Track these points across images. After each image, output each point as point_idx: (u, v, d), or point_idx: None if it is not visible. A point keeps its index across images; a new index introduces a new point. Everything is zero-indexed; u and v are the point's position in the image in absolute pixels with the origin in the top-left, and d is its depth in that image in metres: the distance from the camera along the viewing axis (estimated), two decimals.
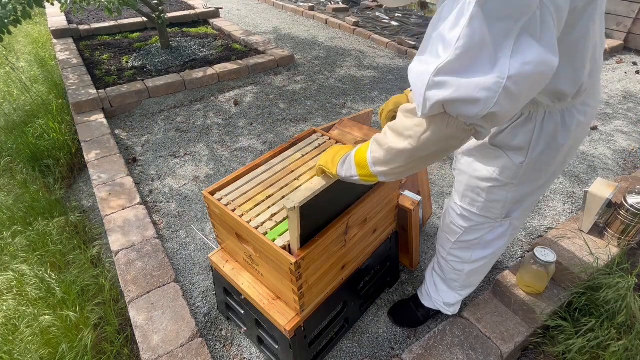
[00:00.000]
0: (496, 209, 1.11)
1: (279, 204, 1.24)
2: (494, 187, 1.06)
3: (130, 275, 1.74)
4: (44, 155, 2.64)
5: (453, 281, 1.40)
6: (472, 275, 1.36)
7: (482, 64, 0.64)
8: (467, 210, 1.16)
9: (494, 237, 1.20)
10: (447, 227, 1.28)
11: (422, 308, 1.57)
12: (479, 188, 1.09)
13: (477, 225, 1.18)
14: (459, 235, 1.24)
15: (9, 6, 2.42)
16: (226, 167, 2.52)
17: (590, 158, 2.60)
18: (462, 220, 1.20)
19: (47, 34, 4.85)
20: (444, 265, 1.39)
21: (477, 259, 1.28)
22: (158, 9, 3.69)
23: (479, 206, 1.12)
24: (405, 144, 0.79)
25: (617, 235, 1.64)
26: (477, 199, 1.11)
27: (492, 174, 1.04)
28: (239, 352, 1.51)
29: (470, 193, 1.12)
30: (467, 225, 1.20)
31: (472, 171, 1.09)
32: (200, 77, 3.44)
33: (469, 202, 1.14)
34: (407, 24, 5.11)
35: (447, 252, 1.32)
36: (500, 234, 1.20)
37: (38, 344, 1.53)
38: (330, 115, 3.10)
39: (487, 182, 1.06)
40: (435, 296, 1.50)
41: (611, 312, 1.42)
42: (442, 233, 1.33)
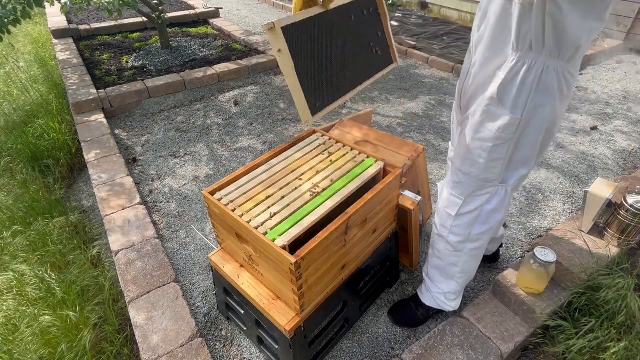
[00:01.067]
0: (496, 168, 1.15)
1: (279, 203, 1.24)
2: (496, 145, 1.11)
3: (130, 275, 1.74)
4: (44, 155, 2.64)
5: (453, 266, 1.40)
6: (471, 255, 1.37)
7: None
8: (467, 174, 1.20)
9: (492, 208, 1.24)
10: (445, 202, 1.30)
11: (422, 307, 1.57)
12: (481, 149, 1.13)
13: (476, 192, 1.22)
14: (459, 207, 1.25)
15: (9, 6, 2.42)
16: (226, 167, 2.52)
17: (590, 158, 2.60)
18: (460, 189, 1.24)
19: (47, 34, 4.85)
20: (443, 250, 1.38)
21: (477, 235, 1.30)
22: (158, 9, 3.69)
23: (480, 167, 1.16)
24: None
25: (617, 235, 1.64)
26: (478, 160, 1.16)
27: (495, 132, 1.09)
28: (239, 352, 1.51)
29: (472, 155, 1.16)
30: (467, 193, 1.23)
31: (475, 133, 1.13)
32: (200, 77, 3.44)
33: (470, 163, 1.18)
34: (407, 24, 5.11)
35: (449, 231, 1.32)
36: (497, 204, 1.24)
37: (38, 344, 1.53)
38: (330, 115, 3.10)
39: (489, 142, 1.11)
40: (434, 289, 1.49)
41: (611, 312, 1.41)
42: (440, 211, 1.34)
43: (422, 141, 2.77)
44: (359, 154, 1.46)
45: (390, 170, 1.42)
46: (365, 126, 1.89)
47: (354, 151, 1.48)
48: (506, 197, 1.24)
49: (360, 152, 1.47)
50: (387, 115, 3.12)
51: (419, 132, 2.88)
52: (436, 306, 1.53)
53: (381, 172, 1.42)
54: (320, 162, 1.42)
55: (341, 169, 1.39)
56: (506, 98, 1.04)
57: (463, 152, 1.19)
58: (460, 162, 1.20)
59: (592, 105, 3.27)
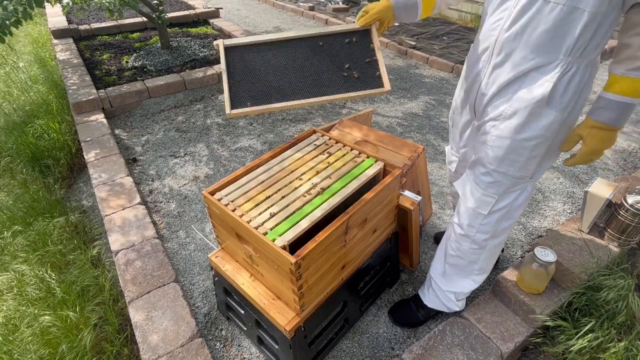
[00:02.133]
0: (532, 165, 1.19)
1: (279, 204, 1.24)
2: (538, 144, 1.13)
3: (130, 275, 1.74)
4: (44, 155, 2.64)
5: (473, 263, 1.42)
6: (491, 252, 1.40)
7: None
8: (504, 173, 1.21)
9: (519, 203, 1.28)
10: (477, 202, 1.30)
11: (424, 308, 1.57)
12: (522, 148, 1.15)
13: (510, 189, 1.25)
14: (492, 205, 1.27)
15: (10, 7, 2.42)
16: (226, 167, 2.52)
17: None
18: (495, 188, 1.25)
19: (47, 34, 4.85)
20: (467, 249, 1.39)
21: (502, 230, 1.34)
22: (158, 9, 3.69)
23: (519, 165, 1.18)
24: None
25: (617, 235, 1.64)
26: (517, 159, 1.17)
27: (539, 131, 1.11)
28: (239, 352, 1.51)
29: (512, 155, 1.17)
30: (501, 191, 1.25)
31: (516, 134, 1.14)
32: (201, 77, 3.44)
33: (508, 163, 1.19)
34: (407, 24, 5.11)
35: (477, 230, 1.34)
36: (524, 199, 1.29)
37: (38, 344, 1.53)
38: (330, 115, 3.10)
39: (532, 141, 1.13)
40: (445, 288, 1.49)
41: (611, 312, 1.41)
42: (468, 213, 1.34)
43: (422, 141, 2.77)
44: (359, 154, 1.46)
45: (390, 170, 1.42)
46: (365, 126, 1.89)
47: (353, 151, 1.48)
48: (532, 192, 1.30)
49: (360, 152, 1.47)
50: (387, 115, 3.12)
51: (419, 132, 2.88)
52: (439, 307, 1.53)
53: (381, 172, 1.42)
54: (320, 162, 1.42)
55: (341, 169, 1.39)
56: (555, 99, 1.07)
57: (500, 153, 1.19)
58: (497, 163, 1.20)
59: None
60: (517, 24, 1.05)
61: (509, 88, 1.12)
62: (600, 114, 1.04)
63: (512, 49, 1.08)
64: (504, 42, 1.09)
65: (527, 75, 1.08)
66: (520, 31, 1.05)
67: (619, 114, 1.02)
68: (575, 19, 0.97)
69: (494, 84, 1.15)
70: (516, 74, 1.09)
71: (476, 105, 1.25)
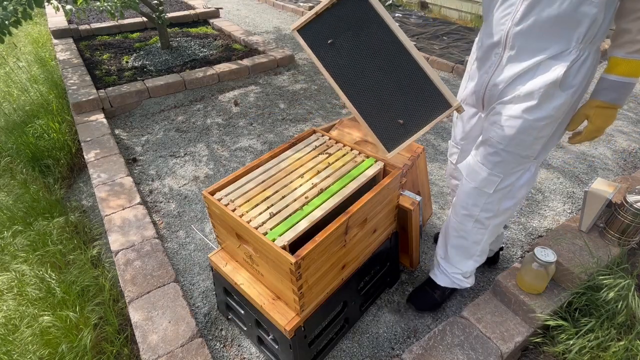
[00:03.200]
0: (538, 145, 1.24)
1: (279, 204, 1.24)
2: (547, 124, 1.19)
3: (129, 275, 1.74)
4: (44, 155, 2.64)
5: (476, 244, 1.47)
6: (492, 232, 1.46)
7: None
8: (512, 152, 1.25)
9: (522, 182, 1.33)
10: (483, 182, 1.33)
11: (438, 289, 1.63)
12: (532, 127, 1.19)
13: (515, 168, 1.29)
14: (496, 184, 1.32)
15: (10, 7, 2.42)
16: (226, 167, 2.52)
17: (590, 158, 2.60)
18: (501, 167, 1.29)
19: (47, 34, 4.85)
20: (470, 229, 1.44)
21: (504, 209, 1.39)
22: (158, 9, 3.69)
23: (526, 145, 1.23)
24: None
25: (617, 235, 1.64)
26: (526, 139, 1.22)
27: (550, 111, 1.16)
28: (239, 352, 1.51)
29: (522, 135, 1.21)
30: (507, 170, 1.29)
31: (530, 115, 1.18)
32: (201, 77, 3.44)
33: (517, 143, 1.23)
34: (407, 24, 5.11)
35: (481, 208, 1.38)
36: (527, 179, 1.34)
37: (38, 344, 1.53)
38: (330, 115, 3.10)
39: (542, 121, 1.18)
40: (451, 270, 1.56)
41: (611, 312, 1.41)
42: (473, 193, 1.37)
43: (422, 141, 2.77)
44: (359, 154, 1.46)
45: (390, 170, 1.42)
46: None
47: (353, 151, 1.48)
48: (535, 172, 1.35)
49: (360, 152, 1.47)
50: None
51: None
52: (452, 285, 1.60)
53: (381, 172, 1.42)
54: (320, 162, 1.42)
55: (341, 169, 1.39)
56: (567, 82, 1.13)
57: (511, 132, 1.22)
58: (506, 142, 1.24)
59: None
60: (529, 18, 1.08)
61: (524, 76, 1.16)
62: (605, 95, 1.11)
63: (526, 42, 1.12)
64: (515, 35, 1.13)
65: (541, 63, 1.13)
66: (532, 24, 1.09)
67: (622, 93, 1.10)
68: (585, 9, 1.01)
69: (507, 75, 1.19)
70: (531, 64, 1.13)
71: (485, 98, 1.29)
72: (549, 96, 1.14)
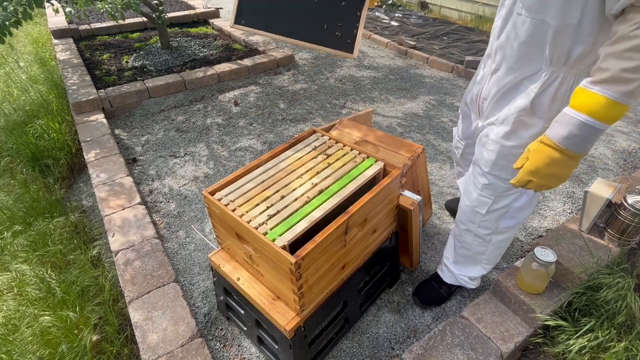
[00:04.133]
0: None
1: (279, 204, 1.24)
2: None
3: (129, 275, 1.74)
4: (44, 155, 2.64)
5: (480, 254, 1.49)
6: (497, 247, 1.45)
7: None
8: (497, 176, 1.24)
9: (520, 205, 1.30)
10: (475, 202, 1.34)
11: (444, 285, 1.65)
12: (512, 154, 1.17)
13: (505, 192, 1.27)
14: (489, 205, 1.31)
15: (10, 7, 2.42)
16: (226, 167, 2.52)
17: (590, 158, 2.60)
18: (490, 190, 1.28)
19: (47, 34, 4.85)
20: (471, 242, 1.45)
21: (505, 228, 1.37)
22: (158, 9, 3.69)
23: (510, 170, 1.20)
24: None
25: (617, 235, 1.64)
26: (508, 165, 1.20)
27: (527, 139, 1.11)
28: (239, 352, 1.51)
29: (502, 160, 1.20)
30: (497, 193, 1.28)
31: (506, 141, 1.16)
32: (201, 77, 3.44)
33: (499, 168, 1.22)
34: (407, 24, 5.11)
35: (478, 225, 1.38)
36: (525, 202, 1.30)
37: (38, 344, 1.53)
38: (330, 115, 3.10)
39: (521, 149, 1.13)
40: (458, 273, 1.59)
41: (611, 312, 1.41)
42: (468, 210, 1.39)
43: (422, 141, 2.77)
44: (359, 154, 1.46)
45: (390, 170, 1.42)
46: (365, 126, 1.89)
47: (353, 151, 1.48)
48: (534, 195, 1.30)
49: (360, 152, 1.47)
50: (387, 115, 3.12)
51: (419, 132, 2.88)
52: (457, 283, 1.63)
53: (381, 172, 1.42)
54: (320, 162, 1.42)
55: (341, 169, 1.39)
56: (539, 108, 1.06)
57: (492, 157, 1.22)
58: (490, 166, 1.24)
59: None
60: (503, 33, 1.08)
61: (507, 94, 1.14)
62: (551, 128, 0.91)
63: (503, 57, 1.11)
64: (496, 49, 1.13)
65: (520, 82, 1.09)
66: (505, 40, 1.08)
67: (571, 132, 0.86)
68: (544, 30, 0.97)
69: (492, 89, 1.19)
70: (510, 81, 1.11)
71: (480, 107, 1.30)
72: (524, 124, 1.11)
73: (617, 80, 0.80)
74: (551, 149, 0.90)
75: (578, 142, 0.86)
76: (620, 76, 0.79)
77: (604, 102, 0.81)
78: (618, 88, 0.80)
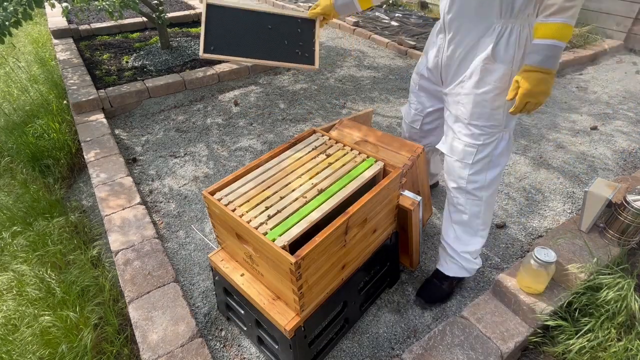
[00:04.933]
0: (499, 114, 1.39)
1: (279, 204, 1.24)
2: (496, 94, 1.35)
3: (129, 275, 1.74)
4: (44, 155, 2.64)
5: (475, 217, 1.57)
6: (488, 203, 1.56)
7: None
8: (476, 125, 1.42)
9: (499, 151, 1.46)
10: (461, 154, 1.48)
11: (446, 280, 1.69)
12: (484, 100, 1.37)
13: (486, 140, 1.43)
14: (474, 155, 1.46)
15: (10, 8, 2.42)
16: (226, 167, 2.52)
17: (590, 158, 2.60)
18: (473, 139, 1.44)
19: (47, 34, 4.85)
20: (464, 202, 1.55)
21: (491, 181, 1.51)
22: (158, 9, 3.69)
23: (486, 116, 1.39)
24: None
25: (617, 235, 1.64)
26: (483, 111, 1.39)
27: (494, 83, 1.33)
28: (239, 352, 1.51)
29: (477, 107, 1.39)
30: (479, 142, 1.44)
31: (477, 89, 1.36)
32: (201, 77, 3.44)
33: (477, 115, 1.40)
34: (407, 24, 5.11)
35: (467, 180, 1.50)
36: (503, 148, 1.46)
37: (38, 344, 1.53)
38: (330, 115, 3.10)
39: (491, 93, 1.35)
40: (461, 249, 1.62)
41: (611, 312, 1.41)
42: (456, 165, 1.52)
43: None
44: (359, 154, 1.46)
45: (390, 170, 1.42)
46: (365, 126, 1.89)
47: (353, 151, 1.48)
48: (509, 140, 1.47)
49: (360, 152, 1.47)
50: (387, 115, 3.12)
51: None
52: (461, 273, 1.66)
53: (381, 172, 1.42)
54: (320, 162, 1.42)
55: (341, 169, 1.39)
56: (499, 55, 1.30)
57: (469, 108, 1.41)
58: (469, 117, 1.42)
59: (592, 105, 3.27)
60: (454, 6, 1.32)
61: (468, 55, 1.37)
62: (530, 58, 1.20)
63: (458, 26, 1.34)
64: (449, 22, 1.36)
65: (478, 41, 1.32)
66: (458, 10, 1.32)
67: (545, 55, 1.17)
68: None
69: (454, 55, 1.40)
70: (468, 43, 1.34)
71: (442, 76, 1.50)
72: (488, 70, 1.32)
73: (562, 9, 1.10)
74: (536, 72, 1.18)
75: (551, 61, 1.17)
76: (563, 5, 1.10)
77: (561, 26, 1.12)
78: (565, 14, 1.11)
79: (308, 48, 1.62)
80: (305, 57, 1.61)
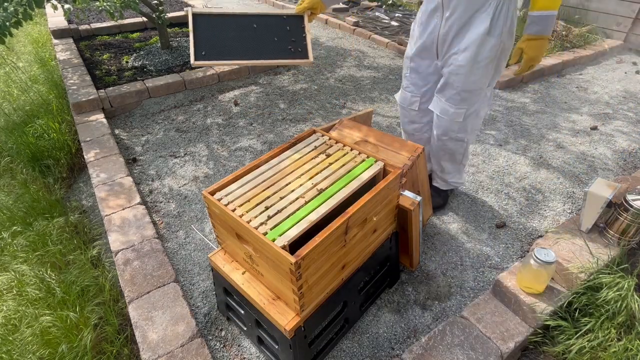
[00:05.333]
0: (486, 78, 1.68)
1: (279, 204, 1.24)
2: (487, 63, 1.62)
3: (129, 275, 1.74)
4: (44, 155, 2.64)
5: (460, 154, 1.93)
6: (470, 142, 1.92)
7: None
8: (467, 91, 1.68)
9: (482, 105, 1.78)
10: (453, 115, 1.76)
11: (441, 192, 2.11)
12: (478, 68, 1.63)
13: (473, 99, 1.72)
14: (464, 114, 1.75)
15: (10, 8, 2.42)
16: (226, 167, 2.52)
17: (590, 158, 2.60)
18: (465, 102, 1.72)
19: (47, 34, 4.85)
20: (452, 146, 1.89)
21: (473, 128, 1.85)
22: (158, 9, 3.69)
23: (477, 81, 1.66)
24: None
25: (617, 235, 1.64)
26: (475, 79, 1.66)
27: (487, 53, 1.59)
28: (239, 352, 1.51)
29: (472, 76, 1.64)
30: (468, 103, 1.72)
31: (472, 61, 1.61)
32: (201, 77, 3.44)
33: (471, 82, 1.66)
34: (407, 24, 5.11)
35: (457, 131, 1.81)
36: (485, 102, 1.79)
37: (38, 344, 1.53)
38: (330, 115, 3.10)
39: (484, 62, 1.61)
40: (450, 179, 2.06)
41: (611, 312, 1.42)
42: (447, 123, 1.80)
43: None
44: (359, 154, 1.46)
45: (390, 170, 1.42)
46: (365, 126, 1.89)
47: (353, 151, 1.48)
48: (490, 96, 1.82)
49: (360, 152, 1.47)
50: (387, 115, 3.12)
51: None
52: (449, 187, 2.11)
53: (381, 172, 1.42)
54: (320, 162, 1.42)
55: (341, 169, 1.39)
56: (495, 29, 1.53)
57: (462, 77, 1.66)
58: (462, 84, 1.67)
59: (592, 105, 3.27)
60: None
61: (463, 29, 1.58)
62: (531, 28, 1.48)
63: (456, 4, 1.53)
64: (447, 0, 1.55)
65: (473, 16, 1.53)
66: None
67: (544, 25, 1.46)
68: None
69: (450, 30, 1.60)
70: (463, 18, 1.55)
71: (438, 50, 1.70)
72: (484, 43, 1.56)
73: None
74: (539, 40, 1.49)
75: (549, 29, 1.47)
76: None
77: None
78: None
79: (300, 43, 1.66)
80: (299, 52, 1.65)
